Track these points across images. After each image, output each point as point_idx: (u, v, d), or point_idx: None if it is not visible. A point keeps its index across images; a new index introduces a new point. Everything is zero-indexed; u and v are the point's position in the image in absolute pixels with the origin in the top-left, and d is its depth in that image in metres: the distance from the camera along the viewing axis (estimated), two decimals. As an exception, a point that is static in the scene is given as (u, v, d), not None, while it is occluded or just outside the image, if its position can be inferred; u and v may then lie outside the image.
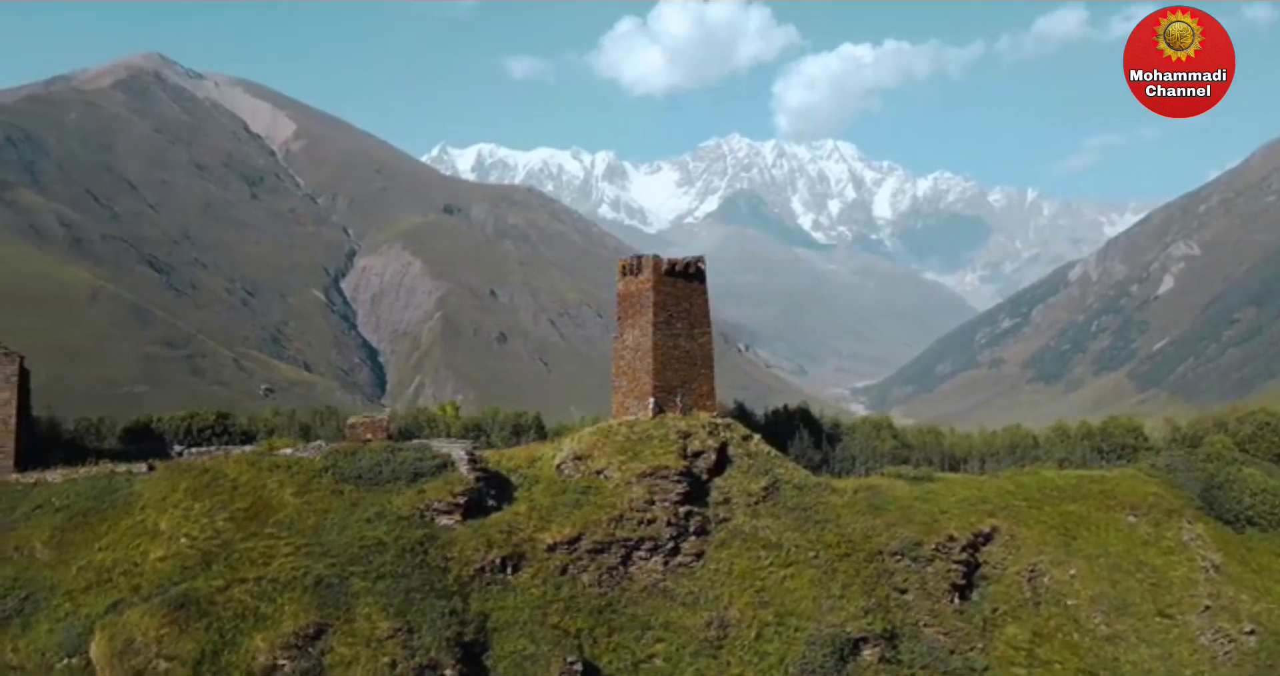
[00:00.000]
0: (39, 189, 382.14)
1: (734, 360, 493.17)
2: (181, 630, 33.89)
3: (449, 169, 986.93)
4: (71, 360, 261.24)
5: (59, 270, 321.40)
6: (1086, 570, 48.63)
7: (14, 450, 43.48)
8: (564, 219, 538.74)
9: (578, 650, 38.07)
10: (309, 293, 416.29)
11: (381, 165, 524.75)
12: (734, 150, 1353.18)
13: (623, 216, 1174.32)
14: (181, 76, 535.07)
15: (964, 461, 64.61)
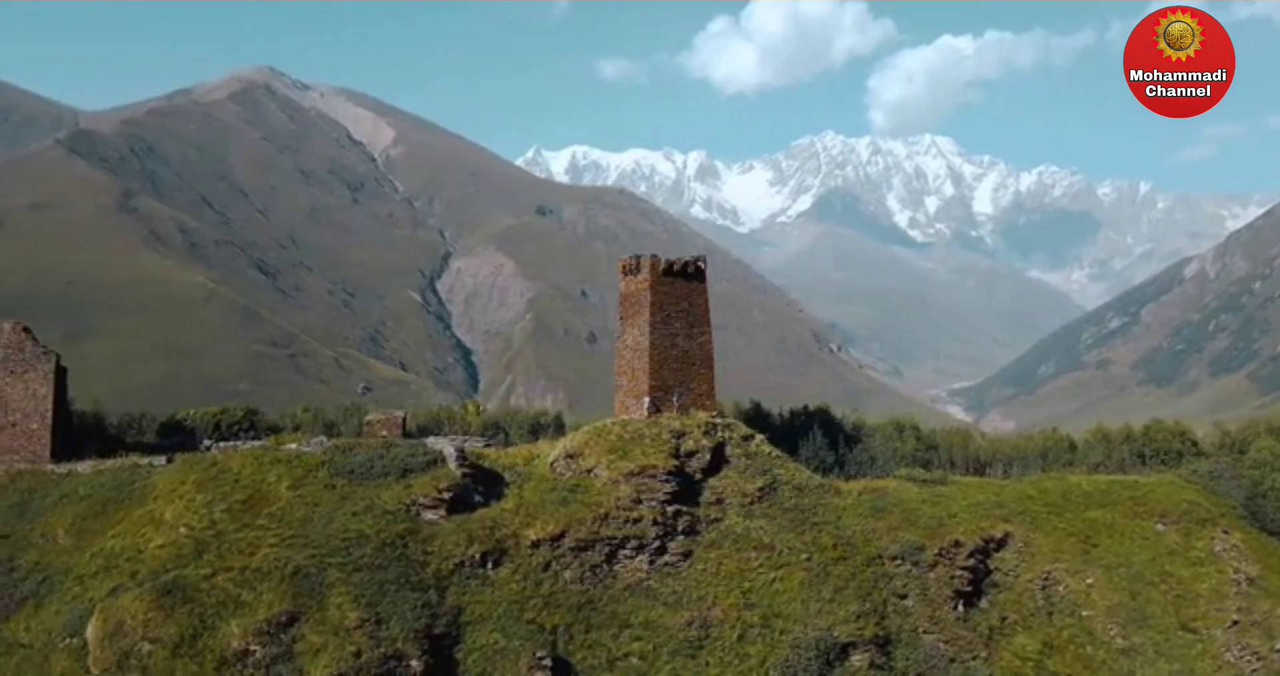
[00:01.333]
0: (159, 197, 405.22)
1: (825, 361, 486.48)
2: (166, 615, 36.20)
3: (543, 171, 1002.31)
4: (185, 359, 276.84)
5: (176, 274, 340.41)
6: (1105, 579, 46.74)
7: (50, 442, 47.00)
8: (654, 219, 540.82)
9: (551, 646, 38.74)
10: (406, 294, 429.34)
11: (476, 169, 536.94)
12: (827, 148, 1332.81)
13: (715, 216, 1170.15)
14: (290, 88, 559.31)
15: (988, 465, 62.82)
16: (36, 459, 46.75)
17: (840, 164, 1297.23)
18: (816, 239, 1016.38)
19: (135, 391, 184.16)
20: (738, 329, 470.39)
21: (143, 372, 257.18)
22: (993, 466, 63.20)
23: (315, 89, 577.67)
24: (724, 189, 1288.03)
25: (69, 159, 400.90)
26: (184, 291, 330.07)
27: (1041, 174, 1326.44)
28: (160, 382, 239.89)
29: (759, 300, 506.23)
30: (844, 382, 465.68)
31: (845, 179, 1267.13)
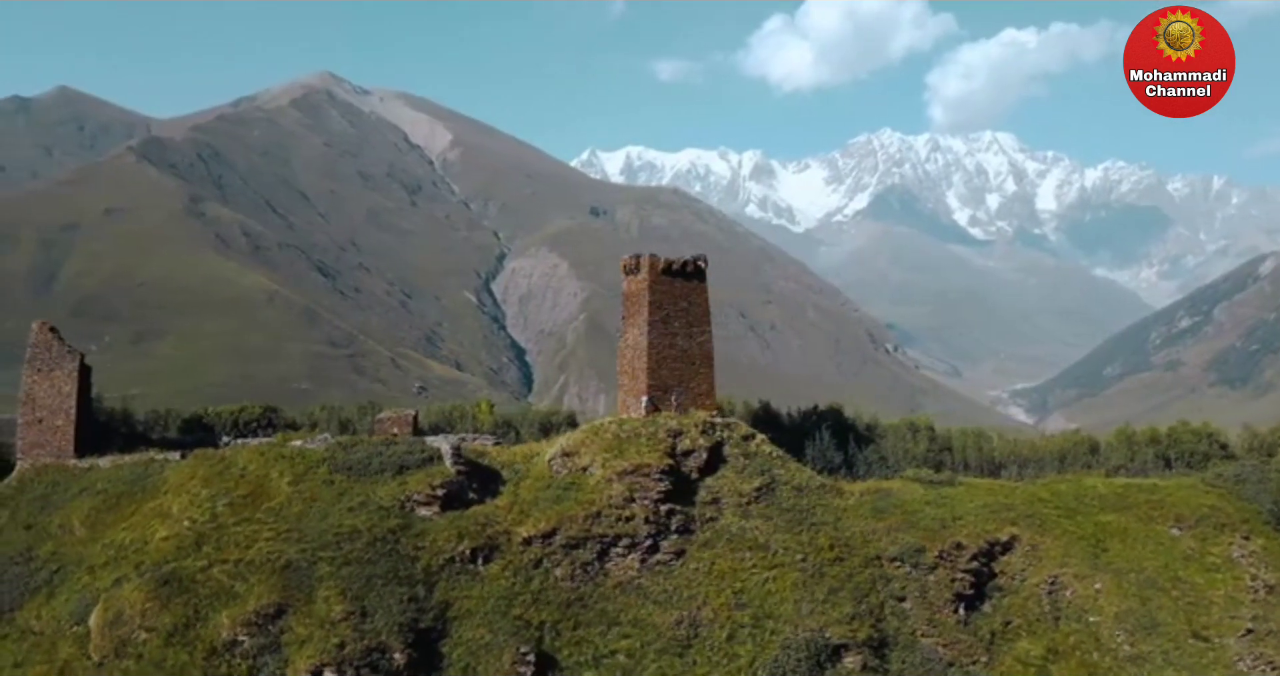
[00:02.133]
0: (225, 201, 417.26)
1: (881, 361, 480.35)
2: (162, 605, 37.61)
3: (598, 173, 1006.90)
4: (250, 359, 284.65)
5: (241, 276, 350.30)
6: (1113, 585, 45.54)
7: (74, 438, 49.06)
8: (708, 219, 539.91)
9: (537, 642, 39.19)
10: (461, 295, 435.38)
11: (531, 171, 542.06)
12: (885, 145, 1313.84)
13: (770, 216, 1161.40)
14: (350, 93, 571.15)
15: (1002, 467, 61.57)
16: (61, 453, 48.88)
17: (898, 161, 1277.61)
18: (873, 238, 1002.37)
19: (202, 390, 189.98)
20: (792, 329, 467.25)
21: (210, 372, 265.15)
22: (1007, 468, 61.99)
23: (374, 94, 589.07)
24: (779, 188, 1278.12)
25: (140, 166, 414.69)
26: (248, 293, 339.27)
27: (1108, 169, 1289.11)
28: (226, 381, 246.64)
29: (814, 300, 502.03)
30: (900, 383, 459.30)
31: (903, 177, 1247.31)
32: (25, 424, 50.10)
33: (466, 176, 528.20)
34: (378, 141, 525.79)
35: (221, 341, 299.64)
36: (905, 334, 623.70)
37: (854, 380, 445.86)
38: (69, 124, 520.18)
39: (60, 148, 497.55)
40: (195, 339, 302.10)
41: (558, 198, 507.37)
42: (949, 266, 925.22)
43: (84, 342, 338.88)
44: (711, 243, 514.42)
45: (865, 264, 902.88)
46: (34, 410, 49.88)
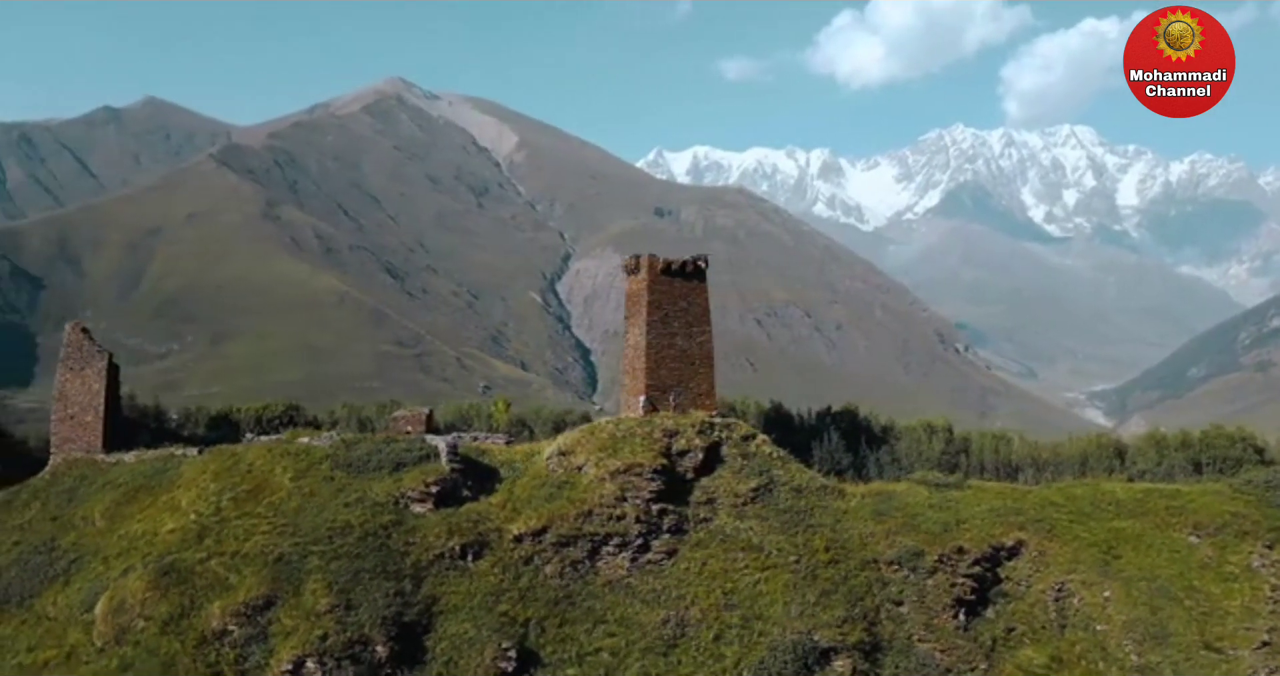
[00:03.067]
0: (299, 205, 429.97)
1: (951, 361, 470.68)
2: (161, 594, 39.21)
3: (664, 173, 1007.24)
4: (320, 358, 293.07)
5: (313, 278, 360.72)
6: (1122, 593, 44.07)
7: (103, 433, 51.48)
8: (773, 218, 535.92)
9: (521, 638, 39.66)
10: (527, 295, 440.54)
11: (597, 172, 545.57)
12: (957, 141, 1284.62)
13: (838, 214, 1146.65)
14: (419, 98, 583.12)
15: (1019, 470, 60.01)
16: (90, 448, 51.35)
17: (970, 158, 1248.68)
18: (944, 236, 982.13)
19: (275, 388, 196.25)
20: (858, 329, 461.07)
21: (282, 371, 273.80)
22: (1024, 471, 60.44)
23: (443, 98, 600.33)
24: (847, 186, 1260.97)
25: (220, 172, 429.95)
26: (319, 294, 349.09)
27: (1194, 163, 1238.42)
28: (298, 380, 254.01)
29: (880, 299, 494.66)
30: (970, 384, 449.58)
31: (976, 173, 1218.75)
32: (58, 420, 52.84)
33: (532, 178, 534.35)
34: (446, 145, 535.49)
35: (293, 341, 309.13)
36: (977, 334, 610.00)
37: (922, 381, 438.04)
38: (156, 133, 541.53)
39: (148, 155, 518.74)
40: (268, 339, 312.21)
41: (623, 198, 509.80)
42: (1023, 264, 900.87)
43: (165, 342, 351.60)
44: (777, 242, 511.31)
45: (935, 262, 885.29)
46: (66, 407, 52.58)
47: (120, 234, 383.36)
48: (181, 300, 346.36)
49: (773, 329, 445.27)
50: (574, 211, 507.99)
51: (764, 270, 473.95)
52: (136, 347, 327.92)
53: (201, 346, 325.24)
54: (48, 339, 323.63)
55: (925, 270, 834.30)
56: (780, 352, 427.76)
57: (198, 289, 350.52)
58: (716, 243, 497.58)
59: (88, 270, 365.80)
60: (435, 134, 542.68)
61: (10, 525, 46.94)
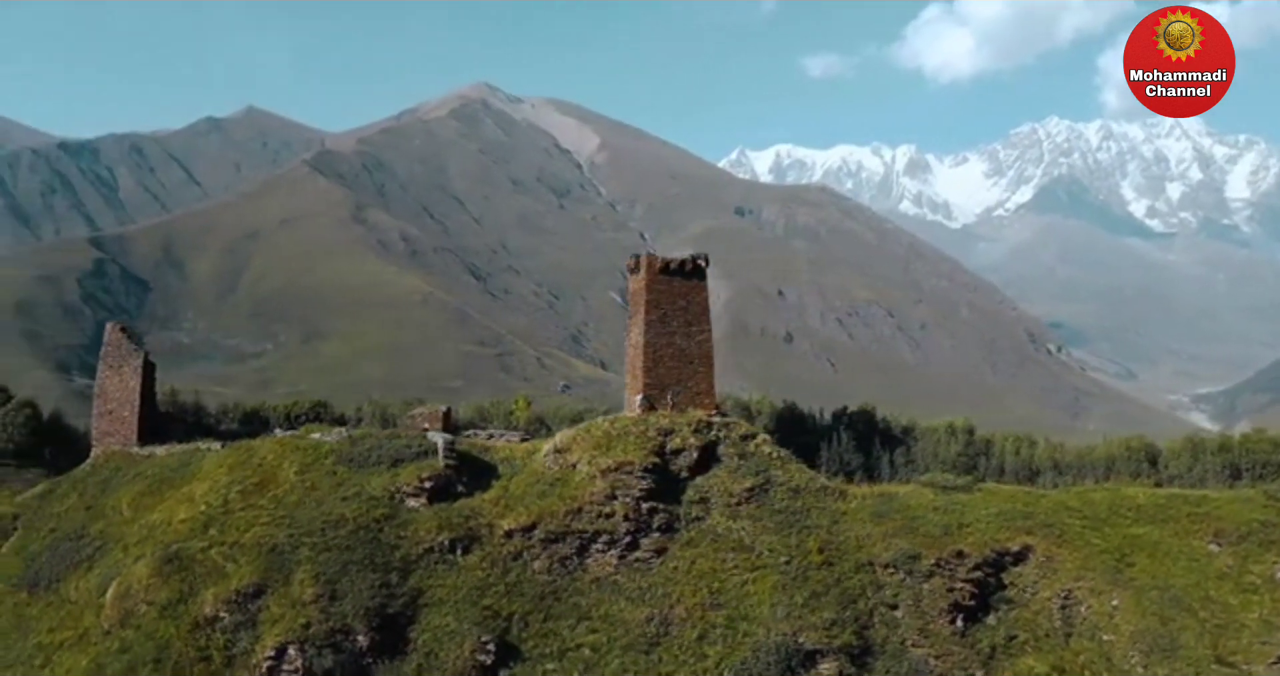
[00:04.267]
0: (386, 208, 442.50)
1: (1042, 362, 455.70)
2: (163, 581, 41.21)
3: (746, 172, 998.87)
4: (405, 358, 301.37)
5: (398, 279, 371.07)
6: (1132, 602, 42.21)
7: (138, 427, 54.29)
8: (856, 216, 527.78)
9: (503, 632, 40.27)
10: (607, 295, 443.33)
11: (677, 172, 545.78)
12: (1051, 135, 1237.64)
13: (925, 212, 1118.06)
14: (504, 102, 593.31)
15: (1038, 473, 57.79)
16: (127, 442, 54.27)
17: (1066, 151, 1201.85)
18: (1037, 232, 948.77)
19: (362, 387, 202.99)
20: (943, 329, 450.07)
21: (369, 369, 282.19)
22: (1043, 475, 58.25)
23: (526, 102, 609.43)
24: (935, 183, 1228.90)
25: (312, 177, 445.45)
26: (404, 295, 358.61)
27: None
28: (382, 379, 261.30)
29: (967, 298, 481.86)
30: (1063, 386, 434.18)
31: (1071, 167, 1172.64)
32: (98, 415, 56.04)
33: (613, 179, 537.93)
34: (528, 147, 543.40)
35: (379, 340, 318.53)
36: (1072, 333, 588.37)
37: (1010, 382, 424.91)
38: (255, 141, 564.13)
39: (247, 163, 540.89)
40: (356, 338, 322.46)
41: (702, 198, 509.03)
42: (1123, 261, 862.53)
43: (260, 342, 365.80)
44: (859, 240, 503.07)
45: (1028, 260, 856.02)
46: (105, 402, 55.70)
47: (220, 238, 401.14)
48: (275, 301, 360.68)
49: (854, 328, 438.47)
50: (654, 212, 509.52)
51: (846, 269, 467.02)
52: (233, 347, 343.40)
53: (293, 345, 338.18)
54: (154, 339, 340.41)
55: (1016, 268, 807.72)
56: (862, 352, 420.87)
57: (290, 290, 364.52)
58: (798, 241, 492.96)
59: (190, 273, 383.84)
60: (518, 137, 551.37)
61: (49, 513, 50.07)
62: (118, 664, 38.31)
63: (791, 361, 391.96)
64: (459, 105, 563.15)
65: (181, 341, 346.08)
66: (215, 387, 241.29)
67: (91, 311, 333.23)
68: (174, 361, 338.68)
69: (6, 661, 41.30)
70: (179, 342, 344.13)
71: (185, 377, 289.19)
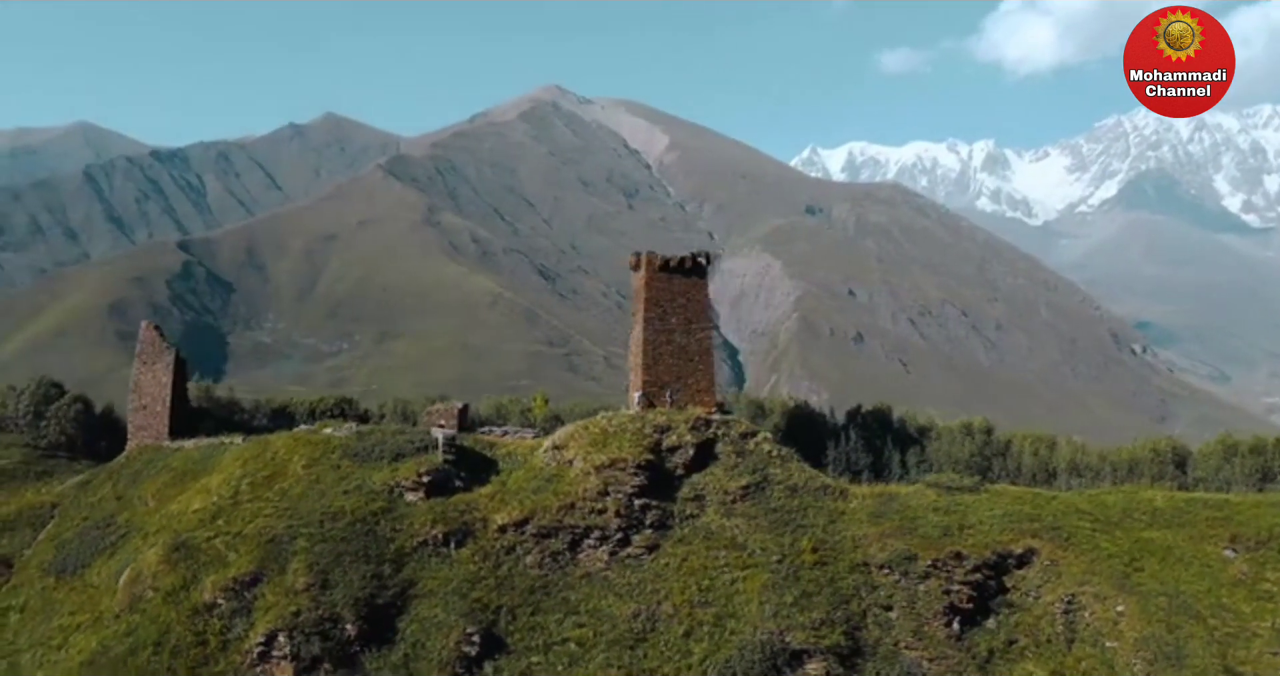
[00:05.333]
0: (458, 211, 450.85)
1: (1127, 364, 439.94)
2: (170, 568, 42.92)
3: (818, 171, 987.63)
4: (475, 357, 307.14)
5: (468, 280, 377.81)
6: (1138, 608, 40.55)
7: (169, 422, 56.65)
8: (929, 214, 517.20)
9: (490, 624, 40.74)
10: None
11: (747, 171, 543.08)
12: (1138, 127, 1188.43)
13: (1003, 209, 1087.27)
14: (574, 103, 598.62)
15: (1054, 475, 55.77)
16: (159, 436, 56.71)
17: (1154, 144, 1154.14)
18: (1123, 228, 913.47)
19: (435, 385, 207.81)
20: (1020, 328, 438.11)
21: (441, 369, 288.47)
22: (1059, 477, 56.26)
23: (596, 103, 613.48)
24: (1014, 179, 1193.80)
25: (387, 181, 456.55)
26: (475, 296, 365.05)
27: None
28: (453, 378, 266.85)
29: (1047, 297, 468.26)
30: (1147, 388, 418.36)
31: (1160, 160, 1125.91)
32: (133, 409, 58.72)
33: (682, 179, 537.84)
34: (598, 148, 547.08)
35: (450, 340, 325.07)
36: (1161, 334, 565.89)
37: (1092, 384, 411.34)
38: (334, 146, 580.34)
39: (326, 168, 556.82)
40: (428, 338, 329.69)
41: (773, 197, 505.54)
42: (1216, 258, 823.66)
43: (336, 342, 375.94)
44: (933, 239, 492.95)
45: (1113, 257, 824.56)
46: (140, 398, 58.31)
47: (299, 241, 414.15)
48: (351, 302, 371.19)
49: (927, 328, 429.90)
50: (723, 211, 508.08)
51: (918, 268, 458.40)
52: (311, 347, 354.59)
53: (367, 345, 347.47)
54: (237, 339, 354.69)
55: (1100, 266, 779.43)
56: (934, 353, 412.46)
57: (365, 291, 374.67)
58: (869, 240, 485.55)
59: (271, 275, 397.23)
60: (588, 138, 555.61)
61: (84, 502, 52.69)
62: (121, 646, 40.18)
63: (861, 362, 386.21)
64: (529, 108, 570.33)
65: (262, 341, 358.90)
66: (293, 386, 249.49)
67: (180, 312, 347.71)
68: (255, 360, 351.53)
69: (31, 642, 43.69)
70: (260, 342, 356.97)
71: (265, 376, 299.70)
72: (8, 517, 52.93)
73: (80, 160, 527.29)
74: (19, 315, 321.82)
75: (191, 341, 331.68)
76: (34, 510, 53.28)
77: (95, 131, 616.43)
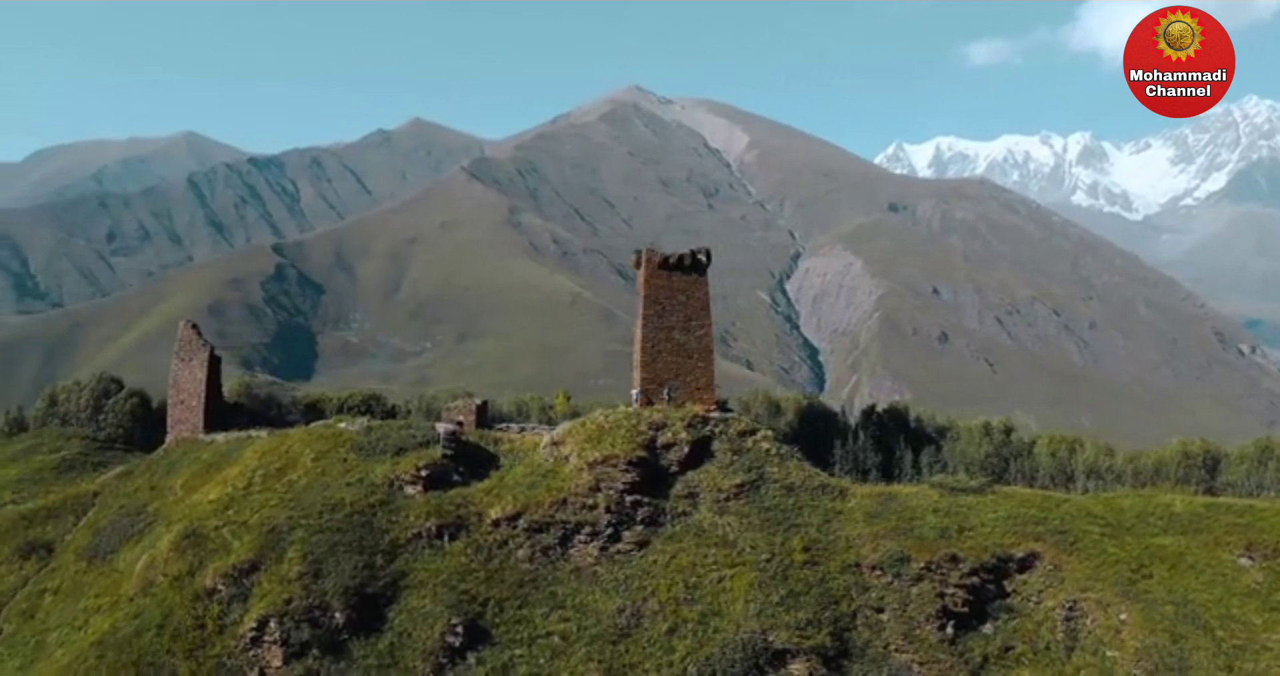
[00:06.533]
0: (538, 212, 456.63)
1: (1233, 364, 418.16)
2: (179, 555, 44.80)
3: (904, 167, 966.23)
4: (554, 356, 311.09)
5: (548, 280, 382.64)
6: (1140, 617, 38.55)
7: (203, 416, 59.10)
8: (1019, 210, 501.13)
9: (477, 616, 41.21)
10: (755, 294, 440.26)
11: (829, 169, 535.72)
12: (1250, 116, 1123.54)
13: (1101, 203, 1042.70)
14: (654, 104, 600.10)
15: (1071, 478, 53.19)
16: (195, 429, 59.29)
17: (1267, 133, 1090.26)
18: (1232, 222, 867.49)
19: (515, 384, 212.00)
20: (1116, 328, 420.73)
21: (521, 367, 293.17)
22: (1075, 480, 53.69)
23: (676, 103, 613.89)
24: (1112, 172, 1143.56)
25: (470, 183, 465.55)
26: (554, 295, 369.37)
27: None
28: (532, 376, 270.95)
29: (1146, 294, 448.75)
30: (1256, 390, 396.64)
31: (1274, 150, 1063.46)
32: (172, 404, 61.52)
33: (763, 177, 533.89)
34: (678, 148, 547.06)
35: (530, 339, 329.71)
36: (1272, 332, 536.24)
37: (1194, 385, 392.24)
38: (420, 150, 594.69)
39: (413, 172, 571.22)
40: (508, 337, 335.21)
41: (855, 195, 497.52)
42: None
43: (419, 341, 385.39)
44: (1022, 235, 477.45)
45: (1220, 253, 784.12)
46: (178, 393, 61.06)
47: (385, 243, 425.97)
48: (434, 302, 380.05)
49: (1015, 328, 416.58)
50: (804, 210, 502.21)
51: (1006, 265, 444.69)
52: (395, 346, 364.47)
53: (449, 344, 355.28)
54: (326, 338, 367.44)
55: (1207, 262, 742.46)
56: (1023, 353, 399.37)
57: (448, 292, 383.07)
58: (954, 237, 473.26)
59: (358, 276, 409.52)
60: (668, 138, 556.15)
61: (122, 492, 55.51)
62: (129, 628, 42.24)
63: (945, 362, 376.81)
64: (610, 109, 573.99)
65: (350, 340, 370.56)
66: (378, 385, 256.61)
67: (273, 312, 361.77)
68: (342, 359, 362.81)
69: (59, 622, 46.35)
70: (347, 342, 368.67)
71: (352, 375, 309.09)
72: (54, 505, 56.20)
73: (185, 168, 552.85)
74: (129, 315, 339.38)
75: (283, 341, 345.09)
76: (77, 499, 56.43)
77: (199, 140, 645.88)
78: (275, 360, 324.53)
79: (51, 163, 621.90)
